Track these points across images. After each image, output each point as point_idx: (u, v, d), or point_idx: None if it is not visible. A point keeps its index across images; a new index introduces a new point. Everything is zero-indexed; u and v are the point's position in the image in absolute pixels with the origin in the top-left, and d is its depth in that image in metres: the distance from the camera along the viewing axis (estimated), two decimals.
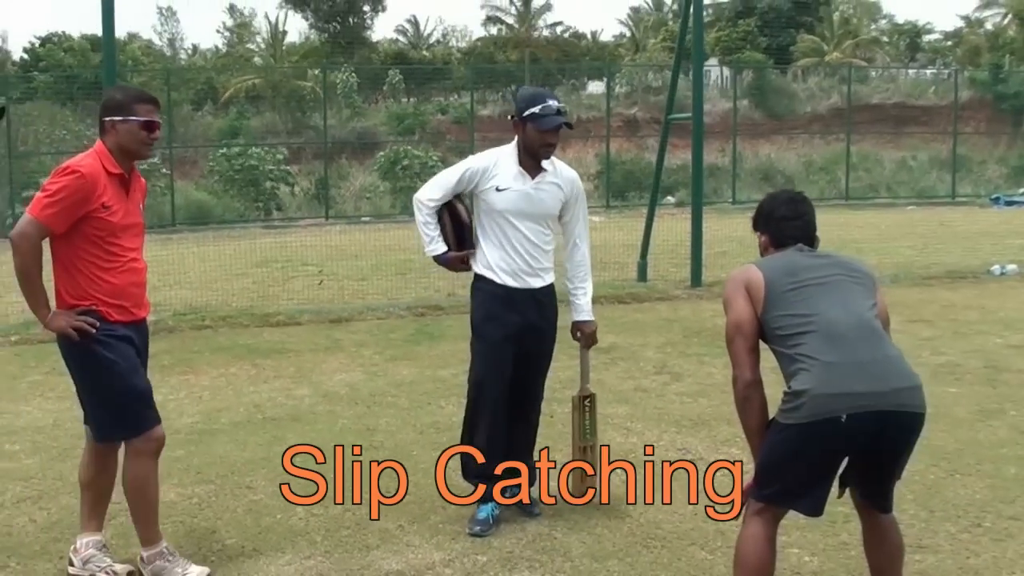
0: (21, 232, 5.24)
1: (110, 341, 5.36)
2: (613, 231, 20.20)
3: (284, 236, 23.22)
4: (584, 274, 6.57)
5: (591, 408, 6.75)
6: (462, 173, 6.32)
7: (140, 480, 5.52)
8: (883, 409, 4.27)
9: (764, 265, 4.66)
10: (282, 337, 12.26)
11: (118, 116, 5.41)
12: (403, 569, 5.68)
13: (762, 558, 4.49)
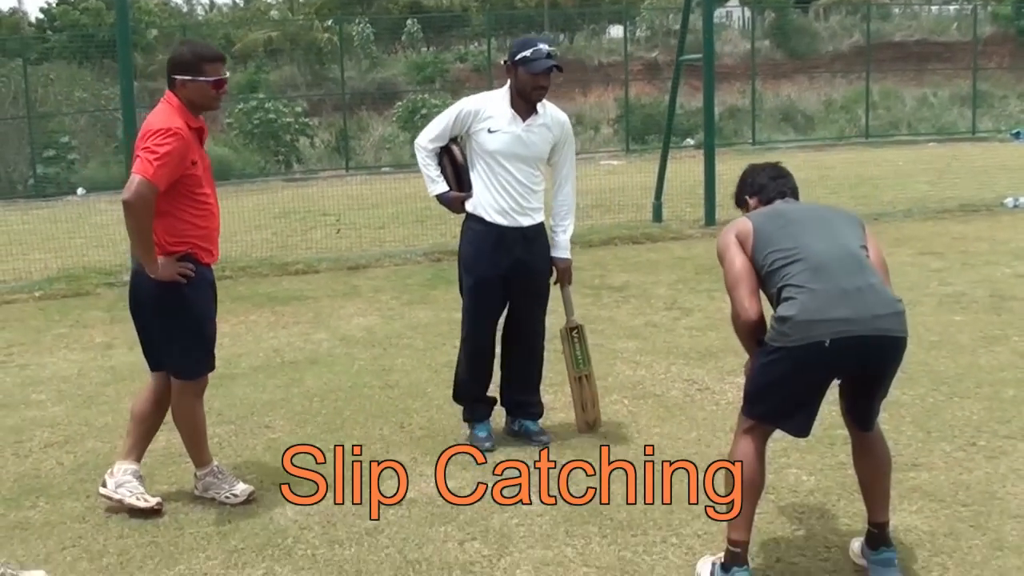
0: (138, 194, 5.49)
1: (200, 286, 5.81)
2: (632, 174, 20.30)
3: (304, 188, 23.37)
4: (566, 212, 6.73)
5: (580, 338, 6.96)
6: (456, 115, 6.56)
7: (189, 414, 5.98)
8: (865, 334, 4.41)
9: (753, 215, 4.85)
10: (301, 285, 12.48)
11: (187, 75, 5.72)
12: (415, 497, 5.91)
13: (755, 473, 4.64)
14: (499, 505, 5.74)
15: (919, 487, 5.74)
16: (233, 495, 5.96)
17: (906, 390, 7.32)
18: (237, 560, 5.23)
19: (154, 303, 5.81)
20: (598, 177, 21.14)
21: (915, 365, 7.89)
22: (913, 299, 10.07)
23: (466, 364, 6.81)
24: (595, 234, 15.11)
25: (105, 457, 6.70)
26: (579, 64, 45.66)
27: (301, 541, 5.40)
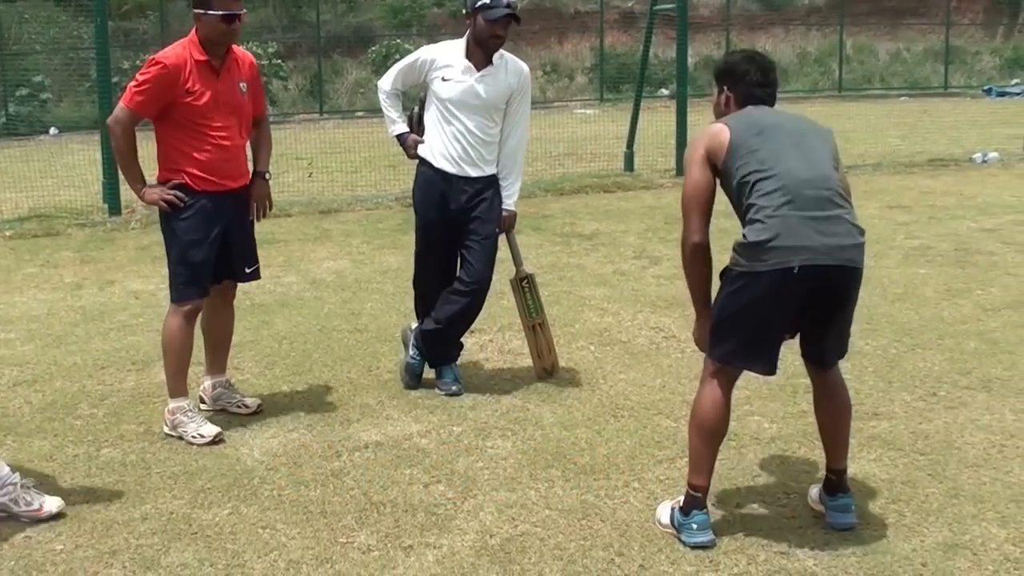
0: (114, 118, 5.96)
1: (189, 214, 5.98)
2: (606, 123, 20.31)
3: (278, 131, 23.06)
4: (512, 164, 6.75)
5: (531, 287, 7.04)
6: (413, 61, 6.67)
7: (169, 338, 6.17)
8: (831, 264, 4.47)
9: (731, 122, 4.72)
10: (272, 228, 12.42)
11: (200, 8, 5.91)
12: (381, 440, 5.96)
13: (718, 420, 4.71)
14: (464, 449, 5.80)
15: (879, 436, 5.82)
16: (200, 435, 6.02)
17: (869, 340, 7.41)
18: (203, 500, 5.27)
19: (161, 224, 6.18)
20: (571, 126, 21.14)
21: (879, 316, 8.00)
22: (879, 252, 10.17)
23: (420, 296, 6.94)
24: (567, 182, 15.15)
25: (73, 396, 6.74)
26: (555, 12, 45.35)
27: (267, 482, 5.45)
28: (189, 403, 6.19)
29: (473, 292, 6.64)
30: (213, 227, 6.04)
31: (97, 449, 5.95)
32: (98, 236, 11.79)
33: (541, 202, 13.87)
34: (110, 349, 7.73)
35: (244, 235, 6.32)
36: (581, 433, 5.97)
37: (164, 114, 5.92)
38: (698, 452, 4.75)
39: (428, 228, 6.73)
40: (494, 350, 7.54)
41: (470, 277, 6.62)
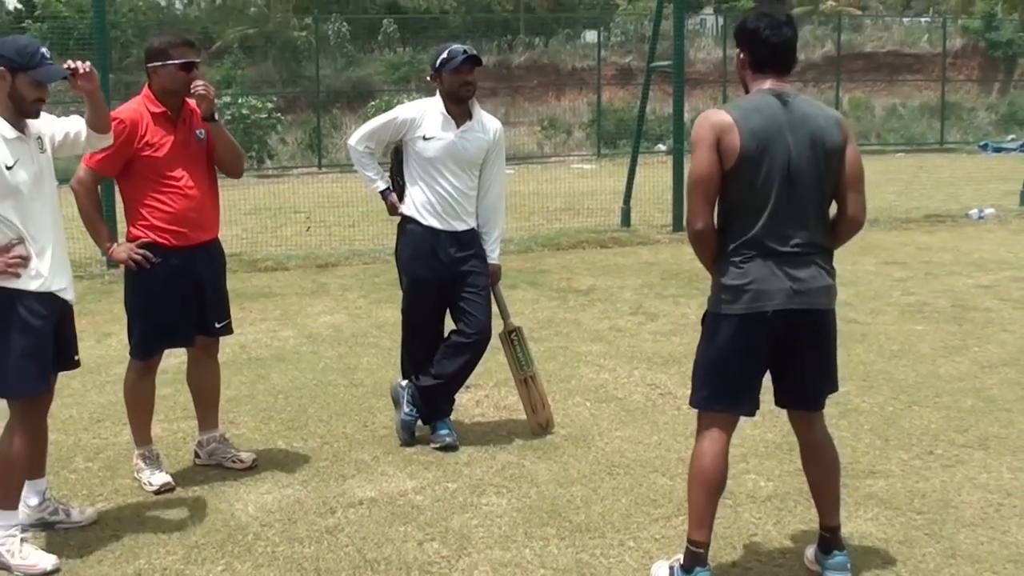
0: (77, 179, 5.97)
1: (156, 272, 5.97)
2: (603, 178, 20.38)
3: (276, 185, 23.36)
4: (493, 218, 6.82)
5: (519, 341, 7.06)
6: (388, 121, 6.73)
7: (127, 390, 6.31)
8: (802, 308, 4.57)
9: (742, 122, 4.56)
10: (269, 282, 12.49)
11: (158, 62, 5.98)
12: (376, 496, 5.94)
13: (717, 473, 4.69)
14: (459, 506, 5.78)
15: (875, 495, 5.80)
16: (150, 483, 6.13)
17: (865, 398, 7.41)
18: (197, 556, 5.26)
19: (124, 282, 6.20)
20: (569, 180, 21.20)
21: (875, 373, 8.00)
22: (876, 308, 10.20)
23: (409, 354, 6.96)
24: (563, 237, 15.17)
25: (68, 450, 6.72)
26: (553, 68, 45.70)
27: (261, 538, 5.44)
28: (149, 450, 6.26)
29: (475, 343, 6.67)
30: (180, 285, 6.06)
31: (92, 503, 5.94)
32: (95, 289, 11.81)
33: (538, 257, 13.89)
34: (106, 402, 7.71)
35: (216, 290, 6.31)
36: (576, 491, 5.95)
37: (127, 170, 5.96)
38: (699, 506, 4.73)
39: (418, 286, 6.76)
40: (490, 405, 7.53)
41: (472, 327, 6.63)
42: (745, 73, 4.82)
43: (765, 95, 4.67)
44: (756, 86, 4.74)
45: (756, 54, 4.75)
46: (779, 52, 4.73)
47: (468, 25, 42.60)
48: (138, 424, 6.26)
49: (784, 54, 4.74)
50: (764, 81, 4.73)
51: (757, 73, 4.76)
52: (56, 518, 5.54)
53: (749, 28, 4.75)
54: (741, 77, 4.86)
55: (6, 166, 4.95)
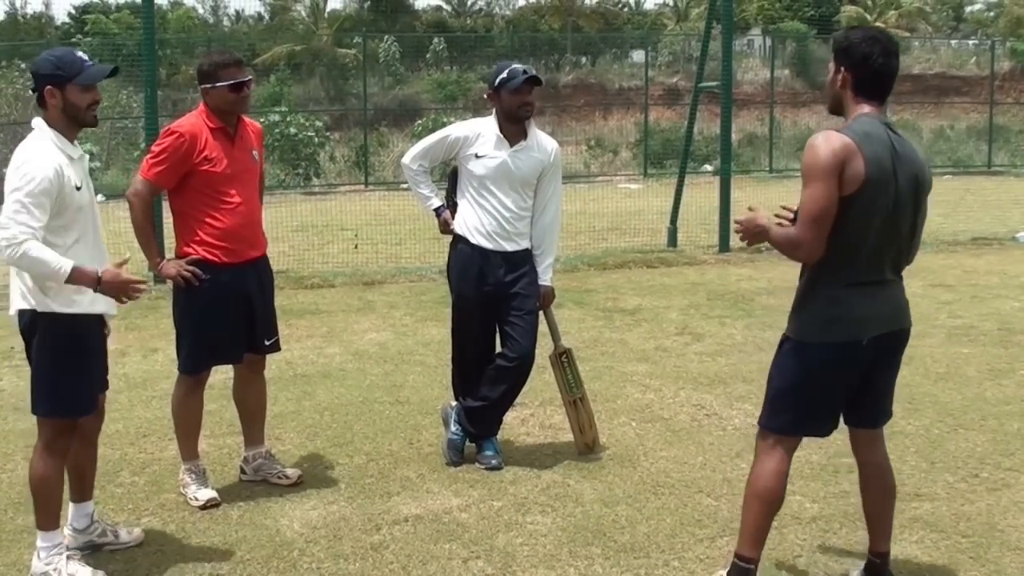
0: (133, 190, 5.98)
1: (205, 289, 5.99)
2: (649, 198, 20.35)
3: (323, 202, 23.44)
4: (547, 240, 6.79)
5: (569, 363, 7.04)
6: (441, 139, 6.76)
7: (175, 405, 6.36)
8: (891, 330, 4.67)
9: (865, 147, 4.43)
10: (315, 299, 12.53)
11: (208, 83, 6.01)
12: (421, 514, 5.95)
13: (778, 492, 4.72)
14: (504, 524, 5.78)
15: (920, 517, 5.77)
16: (195, 497, 6.16)
17: (911, 420, 7.37)
18: (243, 571, 5.29)
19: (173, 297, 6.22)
20: (615, 200, 21.19)
21: (921, 396, 7.95)
22: (922, 331, 10.10)
23: (459, 374, 6.97)
24: (610, 257, 15.16)
25: (115, 464, 6.77)
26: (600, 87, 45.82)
27: (307, 554, 5.46)
28: (196, 465, 6.31)
29: (517, 367, 6.65)
30: (229, 302, 6.10)
31: (137, 517, 5.99)
32: (142, 304, 11.86)
33: (584, 276, 13.89)
34: (152, 417, 7.76)
35: (265, 307, 6.35)
36: (622, 510, 5.95)
37: (181, 184, 5.99)
38: (755, 524, 4.74)
39: (464, 305, 6.77)
40: (535, 424, 7.53)
41: (514, 352, 6.63)
42: (844, 93, 4.70)
43: (876, 122, 4.57)
44: (857, 109, 4.65)
45: (863, 78, 4.65)
46: (887, 81, 4.67)
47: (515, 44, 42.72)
48: (185, 439, 6.31)
49: (890, 83, 4.69)
50: (864, 106, 4.64)
51: (859, 96, 4.67)
52: (104, 540, 5.56)
53: (862, 52, 4.63)
54: (836, 94, 4.73)
55: (75, 186, 4.99)
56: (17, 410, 8.05)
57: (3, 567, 5.41)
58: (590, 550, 5.43)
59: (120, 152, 28.81)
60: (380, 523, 5.84)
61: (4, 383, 8.96)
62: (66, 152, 5.00)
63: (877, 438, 4.93)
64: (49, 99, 5.00)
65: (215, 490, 6.23)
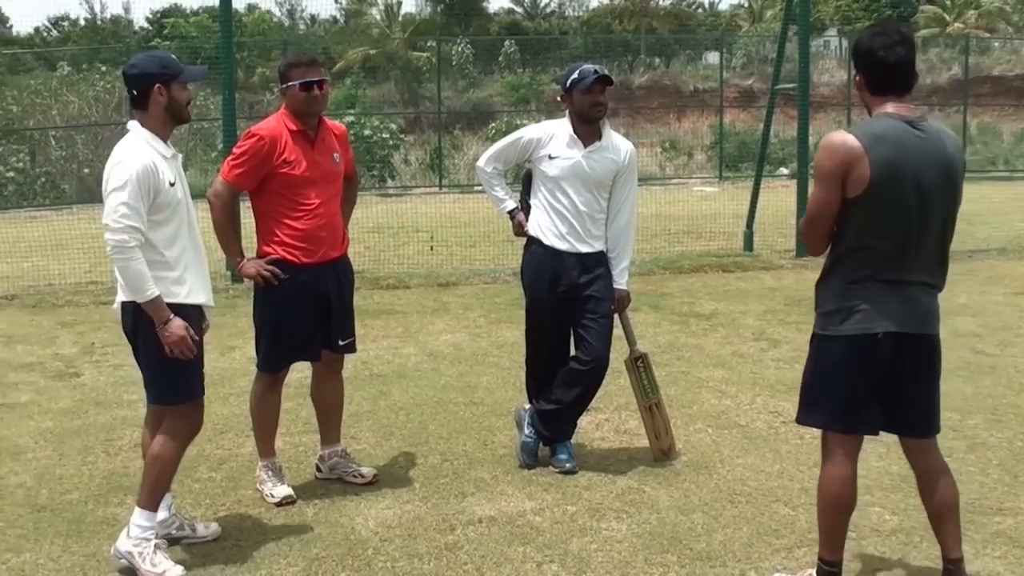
0: (214, 191, 6.08)
1: (284, 288, 6.05)
2: (724, 201, 20.20)
3: (398, 204, 23.51)
4: (622, 242, 6.72)
5: (645, 368, 6.98)
6: (514, 141, 6.77)
7: (253, 402, 6.42)
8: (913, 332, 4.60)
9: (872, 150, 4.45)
10: (391, 300, 12.58)
11: (283, 83, 6.11)
12: (495, 515, 5.95)
13: (847, 497, 4.72)
14: (578, 529, 5.76)
15: (1003, 532, 5.66)
16: (272, 495, 6.21)
17: (994, 432, 7.25)
18: (318, 569, 5.31)
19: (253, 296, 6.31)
20: (690, 203, 21.07)
21: (1004, 407, 7.82)
22: (1005, 340, 9.97)
23: (532, 376, 6.96)
24: (685, 260, 15.07)
25: (192, 459, 6.81)
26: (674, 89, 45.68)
27: (381, 553, 5.47)
28: (273, 463, 6.36)
29: (592, 371, 6.61)
30: (309, 301, 6.14)
31: (214, 513, 6.05)
32: (220, 303, 11.87)
33: (659, 280, 13.82)
34: (229, 414, 7.82)
35: (342, 307, 6.37)
36: (697, 518, 5.90)
37: (261, 186, 6.06)
38: (830, 528, 4.75)
39: (537, 307, 6.76)
40: (610, 429, 7.49)
41: (588, 355, 6.59)
42: (864, 95, 4.72)
43: (893, 121, 4.55)
44: (878, 109, 4.63)
45: (873, 75, 4.65)
46: (897, 72, 4.61)
47: (588, 46, 42.65)
48: (262, 436, 6.35)
49: (902, 74, 4.63)
50: (885, 103, 4.62)
51: (876, 95, 4.66)
52: (182, 533, 5.62)
53: (864, 48, 4.66)
54: (862, 99, 4.76)
55: (169, 183, 5.15)
56: (98, 404, 8.17)
57: (83, 557, 5.49)
58: (665, 557, 5.40)
59: (198, 153, 29.08)
60: (454, 523, 5.84)
61: (85, 378, 9.09)
62: (159, 151, 5.17)
63: (929, 447, 4.90)
64: (157, 96, 5.20)
65: (291, 487, 6.26)
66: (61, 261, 15.14)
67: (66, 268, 14.64)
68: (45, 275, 14.54)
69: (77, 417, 7.97)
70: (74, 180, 26.94)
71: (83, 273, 14.45)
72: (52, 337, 10.84)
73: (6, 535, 5.81)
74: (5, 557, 5.52)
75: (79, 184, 26.33)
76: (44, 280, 14.27)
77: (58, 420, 7.90)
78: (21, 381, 9.07)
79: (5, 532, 5.85)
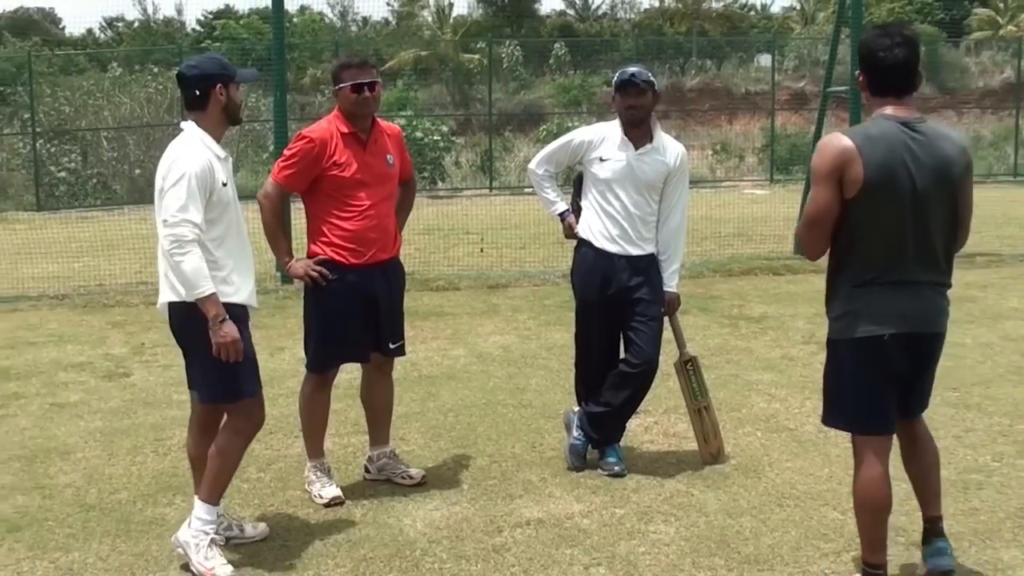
0: (264, 192, 6.16)
1: (333, 289, 6.08)
2: (775, 204, 20.10)
3: (448, 206, 23.55)
4: (673, 245, 6.70)
5: (695, 370, 6.96)
6: (565, 143, 6.79)
7: (302, 403, 6.45)
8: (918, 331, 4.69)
9: (865, 151, 4.52)
10: (441, 301, 12.61)
11: (335, 85, 6.14)
12: (543, 518, 5.95)
13: (882, 497, 4.75)
14: (626, 532, 5.75)
15: None
16: (320, 495, 6.24)
17: None
18: (365, 569, 5.33)
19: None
20: (741, 206, 21.01)
21: None
22: None
23: (582, 379, 6.95)
24: (735, 263, 15.02)
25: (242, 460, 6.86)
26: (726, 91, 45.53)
27: (429, 554, 5.49)
28: (321, 463, 6.38)
29: (641, 374, 6.61)
30: (357, 302, 6.16)
31: (263, 512, 6.09)
32: (270, 303, 12.05)
33: (709, 282, 13.78)
34: (279, 415, 7.85)
35: (391, 309, 6.39)
36: (746, 521, 5.88)
37: (312, 188, 6.10)
38: (870, 530, 4.79)
39: (587, 309, 6.76)
40: (659, 432, 7.48)
41: (637, 359, 6.58)
42: (865, 94, 4.78)
43: (888, 123, 4.61)
44: (877, 110, 4.69)
45: (873, 76, 4.70)
46: (894, 74, 4.65)
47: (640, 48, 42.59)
48: (311, 437, 6.38)
49: (900, 76, 4.66)
50: (884, 105, 4.67)
51: (876, 96, 4.72)
52: (230, 533, 5.65)
53: (869, 47, 4.70)
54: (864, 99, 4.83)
55: (222, 183, 5.21)
56: (147, 404, 8.24)
57: (131, 557, 5.53)
58: (713, 561, 5.38)
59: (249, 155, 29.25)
60: (502, 525, 5.85)
61: (135, 378, 9.16)
62: (214, 151, 5.24)
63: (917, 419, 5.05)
64: (217, 96, 5.28)
65: (340, 488, 6.29)
66: (112, 261, 15.31)
67: (116, 268, 14.78)
68: (96, 275, 14.71)
69: (126, 417, 8.05)
70: (125, 181, 27.16)
71: (133, 273, 14.58)
72: (102, 337, 10.95)
73: (55, 534, 5.87)
74: (54, 556, 5.58)
75: (130, 185, 26.55)
76: (95, 280, 14.44)
77: (107, 420, 7.98)
78: (71, 381, 9.17)
79: (54, 531, 5.91)
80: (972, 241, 5.12)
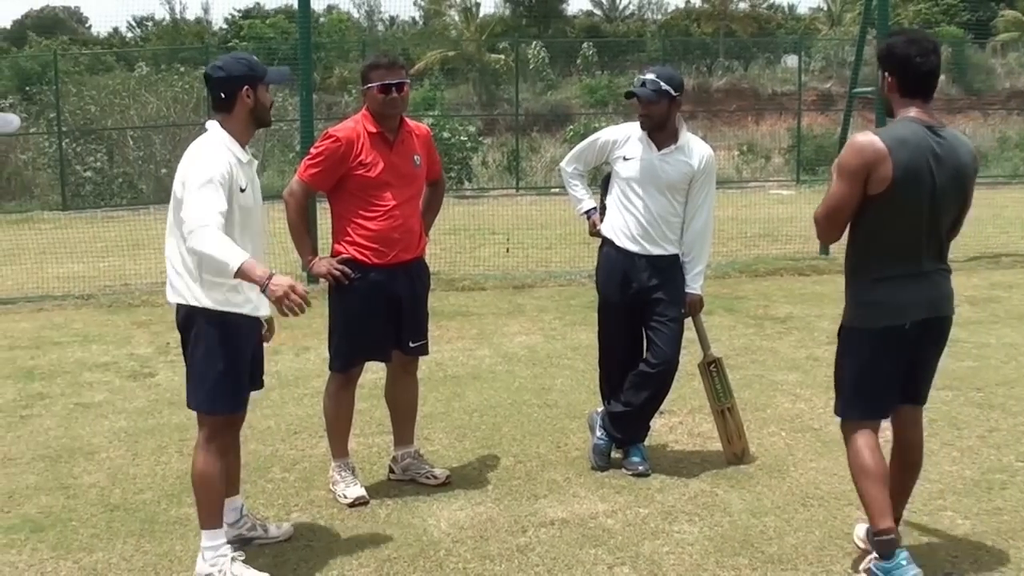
0: (289, 190, 6.18)
1: (356, 288, 6.11)
2: (801, 205, 20.02)
3: (475, 206, 23.54)
4: (697, 247, 6.68)
5: (719, 371, 6.95)
6: (592, 142, 6.84)
7: (326, 403, 6.46)
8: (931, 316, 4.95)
9: (895, 152, 4.73)
10: (466, 301, 12.62)
11: (363, 85, 6.17)
12: (568, 518, 5.96)
13: (875, 464, 4.96)
14: (650, 532, 5.76)
15: None
16: (344, 495, 6.25)
17: None
18: (390, 569, 5.35)
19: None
20: (767, 206, 20.98)
21: None
22: None
23: (605, 377, 6.99)
24: (761, 264, 15.00)
25: (265, 460, 6.90)
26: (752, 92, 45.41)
27: (453, 554, 5.50)
28: (346, 463, 6.40)
29: (660, 374, 6.61)
30: (380, 302, 6.17)
31: (287, 513, 6.11)
32: None
33: (735, 283, 13.77)
34: (303, 415, 7.89)
35: (414, 309, 6.38)
36: (770, 521, 5.88)
37: (338, 187, 6.12)
38: (872, 498, 4.95)
39: (608, 308, 6.79)
40: (683, 432, 7.48)
41: (657, 359, 6.59)
42: (892, 96, 4.98)
43: (915, 125, 4.85)
44: (902, 112, 4.93)
45: (905, 80, 4.92)
46: (928, 79, 4.93)
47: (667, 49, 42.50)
48: (336, 436, 6.41)
49: (932, 81, 4.95)
50: (910, 108, 4.91)
51: (904, 98, 4.94)
52: (254, 534, 5.67)
53: (900, 54, 4.92)
54: (886, 100, 5.03)
55: (240, 188, 5.08)
56: (172, 404, 8.27)
57: (156, 557, 5.56)
58: (737, 560, 5.38)
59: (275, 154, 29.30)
60: (526, 525, 5.86)
61: (159, 378, 9.21)
62: (236, 154, 5.13)
63: (919, 419, 5.28)
64: (244, 99, 5.17)
65: (364, 488, 6.31)
66: (137, 261, 15.38)
67: (142, 268, 14.82)
68: (121, 275, 14.77)
69: (151, 417, 8.09)
70: (151, 180, 27.21)
71: (159, 273, 14.51)
72: (127, 337, 11.01)
73: (79, 534, 5.91)
74: (78, 556, 5.62)
75: (156, 184, 26.58)
76: (120, 280, 14.50)
77: (132, 420, 8.02)
78: (96, 381, 9.22)
79: (78, 531, 5.95)
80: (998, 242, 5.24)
